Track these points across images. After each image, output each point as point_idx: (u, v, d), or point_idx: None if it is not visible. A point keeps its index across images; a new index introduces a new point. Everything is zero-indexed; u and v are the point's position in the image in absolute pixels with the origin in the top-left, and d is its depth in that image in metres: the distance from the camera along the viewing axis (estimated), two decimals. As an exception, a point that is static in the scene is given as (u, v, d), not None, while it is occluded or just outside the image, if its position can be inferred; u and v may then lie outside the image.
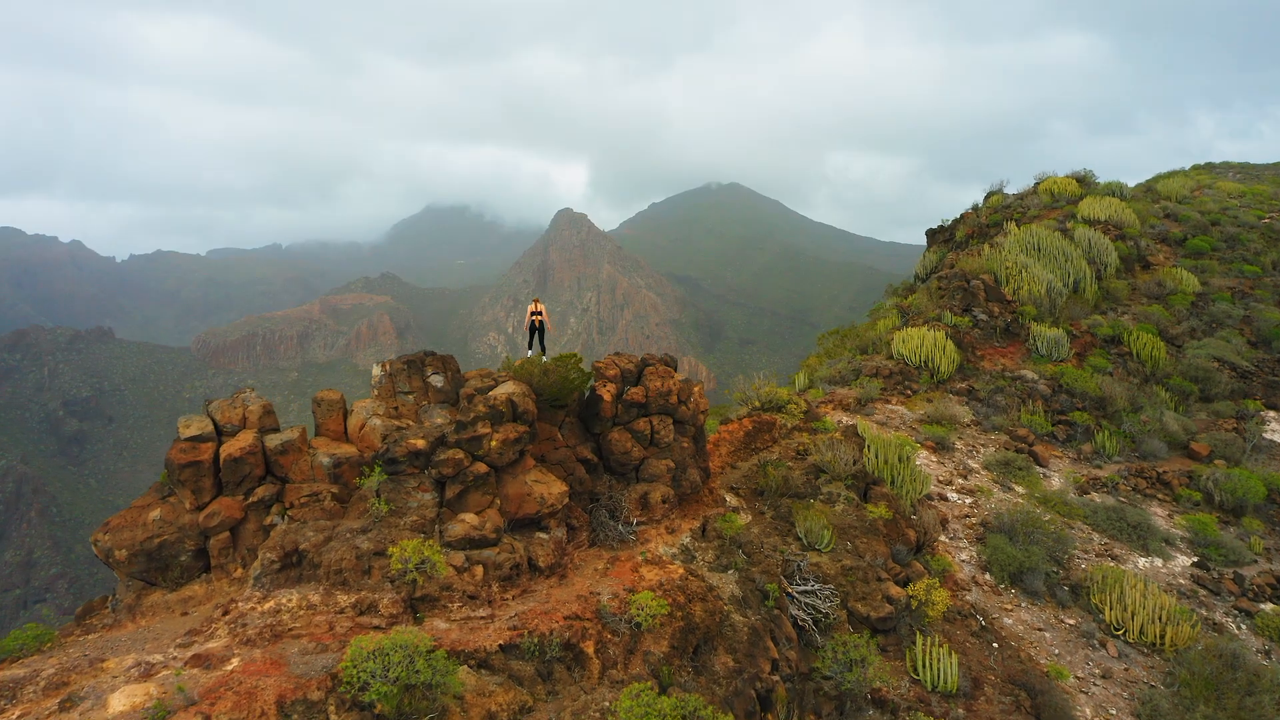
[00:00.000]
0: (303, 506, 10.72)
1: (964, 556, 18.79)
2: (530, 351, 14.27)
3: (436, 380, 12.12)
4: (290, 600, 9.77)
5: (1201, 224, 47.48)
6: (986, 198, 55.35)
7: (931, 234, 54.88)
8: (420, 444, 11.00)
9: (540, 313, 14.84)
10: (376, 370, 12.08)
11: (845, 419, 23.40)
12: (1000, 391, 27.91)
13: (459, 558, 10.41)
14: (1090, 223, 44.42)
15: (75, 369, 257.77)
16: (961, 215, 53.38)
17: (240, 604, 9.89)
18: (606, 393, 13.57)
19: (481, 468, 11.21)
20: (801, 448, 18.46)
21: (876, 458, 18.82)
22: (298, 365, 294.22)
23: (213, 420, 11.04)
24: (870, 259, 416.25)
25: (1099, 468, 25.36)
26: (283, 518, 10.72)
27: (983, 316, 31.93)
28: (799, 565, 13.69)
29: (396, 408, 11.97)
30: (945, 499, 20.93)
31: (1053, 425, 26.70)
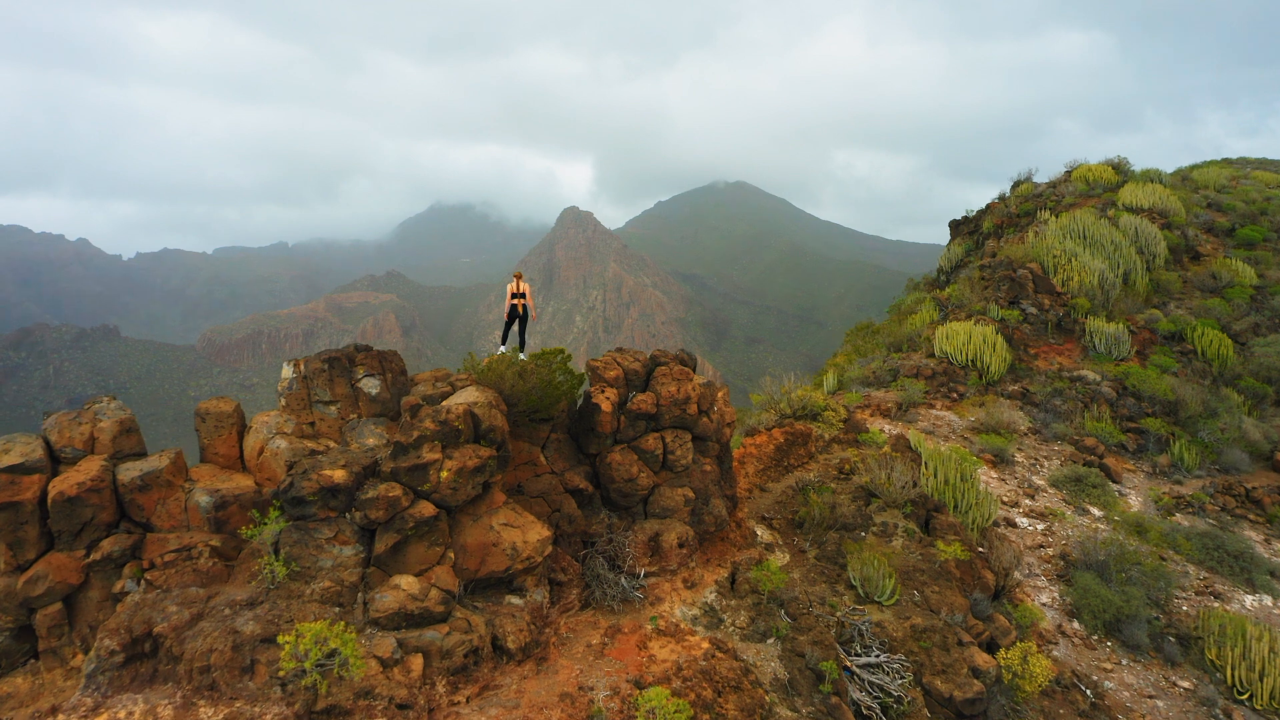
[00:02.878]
0: (168, 567, 7.46)
1: (1044, 599, 15.40)
2: (504, 347, 10.94)
3: (370, 385, 8.83)
4: (132, 713, 6.53)
5: (1249, 213, 43.94)
6: (1014, 187, 51.94)
7: (955, 225, 51.41)
8: (339, 476, 7.72)
9: (523, 294, 11.42)
10: (287, 370, 8.80)
11: (888, 427, 20.01)
12: (1059, 395, 24.44)
13: (387, 644, 7.12)
14: (1133, 211, 40.89)
15: (80, 367, 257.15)
16: (987, 205, 50.03)
17: (63, 715, 6.65)
18: (605, 401, 10.27)
19: (427, 509, 7.92)
20: (846, 466, 15.12)
21: (935, 477, 15.45)
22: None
23: (46, 443, 7.78)
24: (877, 257, 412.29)
25: (1179, 483, 21.87)
26: (139, 583, 7.46)
27: (1032, 310, 28.42)
28: (859, 629, 10.37)
29: (313, 423, 8.69)
30: (1013, 524, 17.52)
31: (1123, 434, 23.24)
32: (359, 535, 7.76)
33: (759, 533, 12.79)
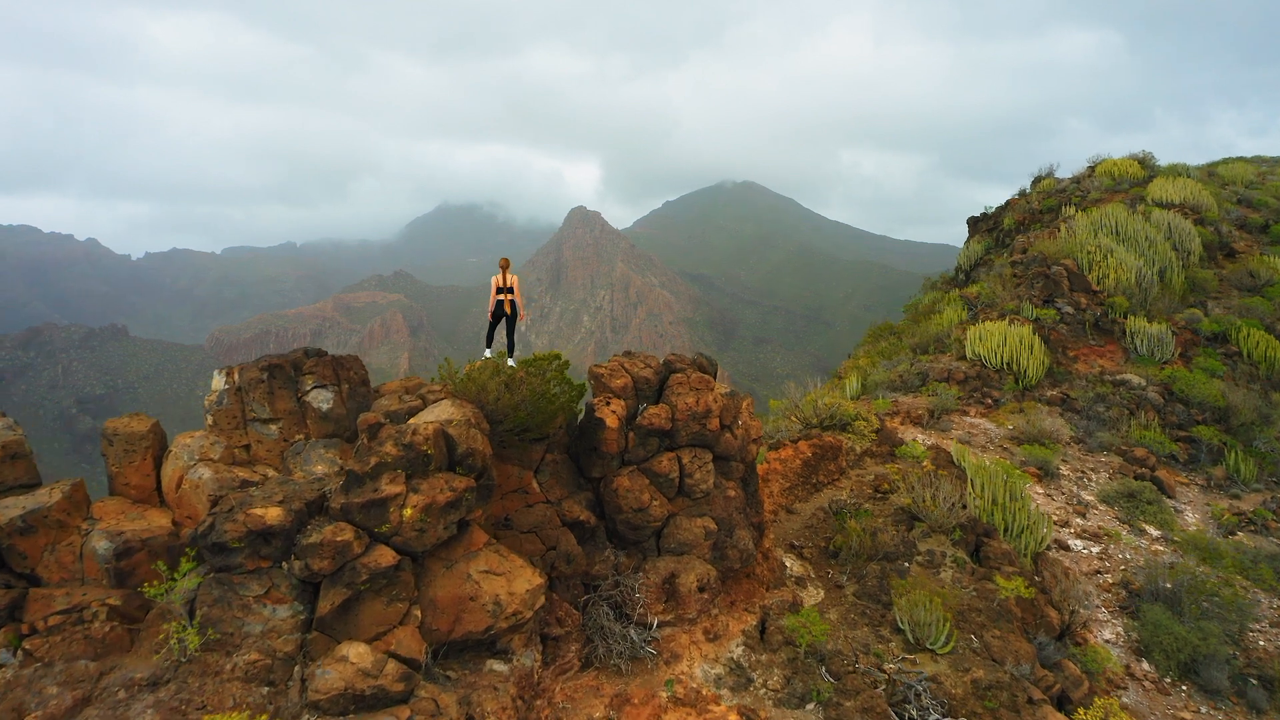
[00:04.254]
0: (53, 633, 5.83)
1: (1107, 634, 13.62)
2: (488, 351, 9.25)
3: (321, 399, 7.18)
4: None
5: (1284, 209, 41.92)
6: (1035, 182, 50.11)
7: (974, 222, 49.62)
8: (272, 516, 6.07)
9: (510, 289, 9.71)
10: (217, 380, 7.14)
11: (921, 436, 18.25)
12: (1102, 400, 22.59)
13: (327, 739, 5.46)
14: (1163, 206, 39.03)
15: (89, 367, 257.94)
16: (1008, 202, 48.27)
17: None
18: (611, 415, 8.59)
19: (385, 556, 6.27)
20: (883, 485, 13.40)
21: (983, 495, 13.70)
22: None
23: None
24: (885, 257, 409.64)
25: (1237, 497, 20.00)
26: (15, 653, 5.83)
27: (1068, 309, 26.54)
28: (914, 688, 8.65)
29: (248, 447, 7.05)
30: (1065, 547, 15.74)
31: (1174, 443, 21.39)
32: (298, 591, 6.11)
33: (788, 564, 11.09)
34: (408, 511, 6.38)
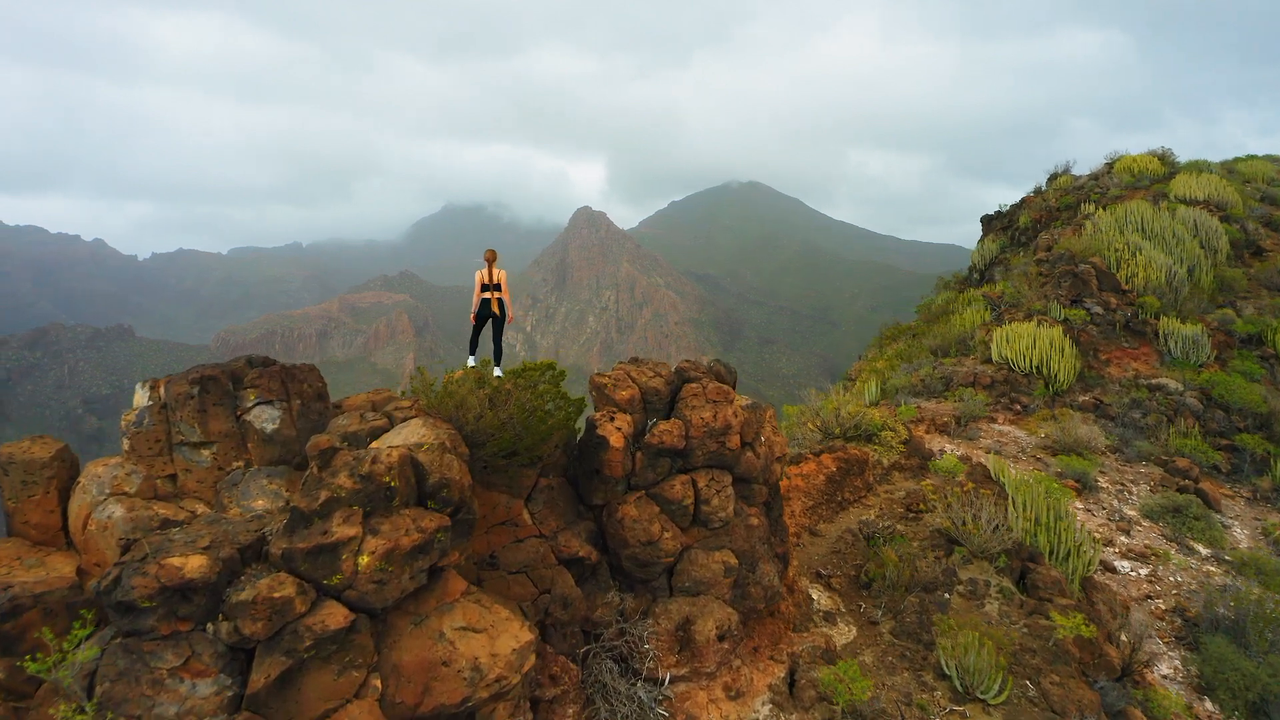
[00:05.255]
0: (-85, 715, 4.61)
1: (1164, 669, 12.30)
2: (472, 359, 7.97)
3: (266, 418, 5.96)
4: None
5: (1310, 207, 40.49)
6: (1051, 179, 48.84)
7: (988, 220, 48.39)
8: (194, 567, 4.85)
9: (497, 285, 8.56)
10: (139, 395, 5.93)
11: (949, 446, 16.96)
12: (1138, 406, 21.25)
13: None
14: (1187, 202, 37.68)
15: (95, 367, 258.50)
16: (1022, 199, 47.06)
17: None
18: (615, 432, 7.37)
19: (336, 616, 5.05)
20: (915, 503, 12.14)
21: (1024, 514, 12.41)
22: (316, 364, 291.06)
23: None
24: (891, 258, 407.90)
25: (1286, 511, 18.67)
26: None
27: (1097, 309, 25.17)
28: (969, 753, 7.41)
29: (174, 477, 5.84)
30: (1111, 569, 14.43)
31: (1216, 452, 20.04)
32: (225, 661, 4.89)
33: (814, 596, 9.86)
34: (364, 559, 5.16)
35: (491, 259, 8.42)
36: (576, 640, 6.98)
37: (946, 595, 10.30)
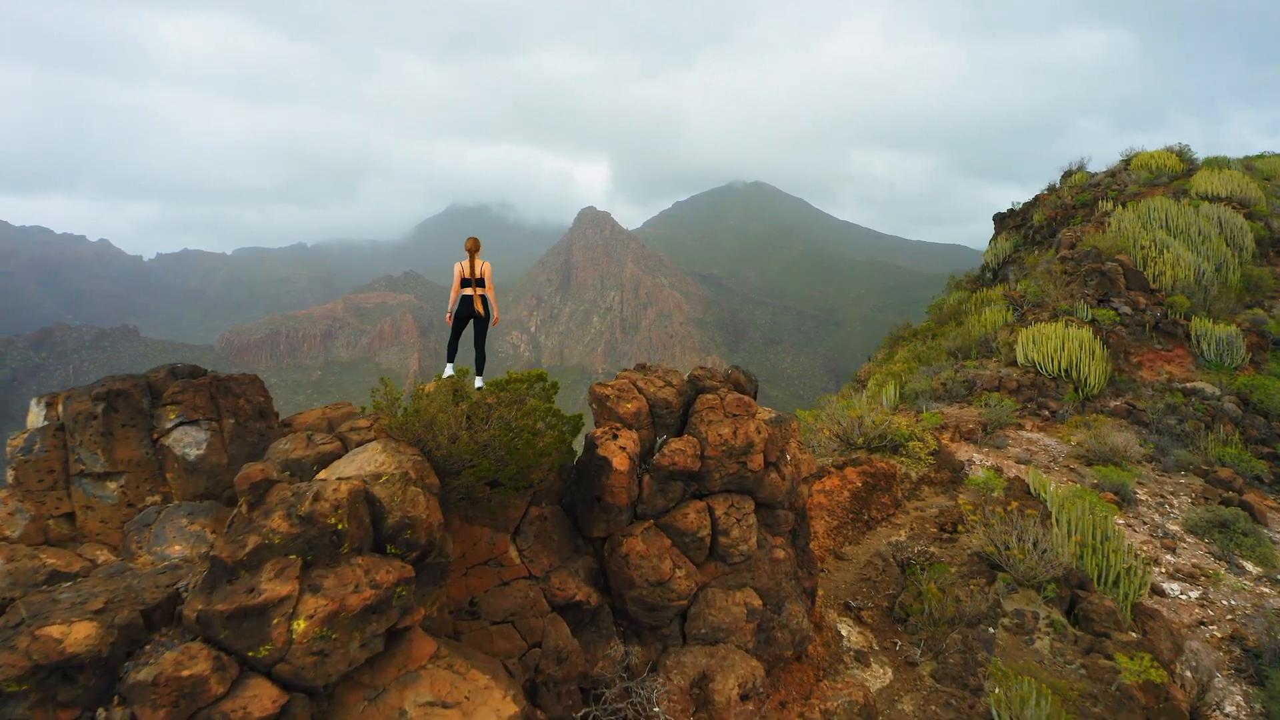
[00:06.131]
0: None
1: (1228, 708, 11.14)
2: (450, 367, 6.83)
3: (189, 441, 4.85)
4: None
5: (1332, 205, 39.30)
6: (1065, 177, 47.69)
7: (1000, 219, 47.24)
8: (78, 638, 3.75)
9: (482, 280, 7.26)
10: (33, 414, 4.83)
11: (977, 456, 15.80)
12: (1173, 412, 20.03)
13: None
14: (1209, 199, 36.48)
15: (100, 367, 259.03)
16: (1036, 197, 45.91)
17: None
18: (619, 453, 6.27)
19: (263, 698, 3.95)
20: (951, 524, 11.00)
21: (1068, 534, 11.25)
22: (321, 364, 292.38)
23: None
24: (896, 258, 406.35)
25: (1336, 526, 17.43)
26: None
27: (1126, 309, 23.95)
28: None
29: (71, 515, 4.74)
30: (1160, 592, 13.25)
31: (1259, 461, 18.81)
32: (117, 760, 3.78)
33: (843, 631, 8.74)
34: (300, 624, 4.06)
35: (473, 249, 7.29)
36: (573, 701, 5.87)
37: (990, 630, 9.18)
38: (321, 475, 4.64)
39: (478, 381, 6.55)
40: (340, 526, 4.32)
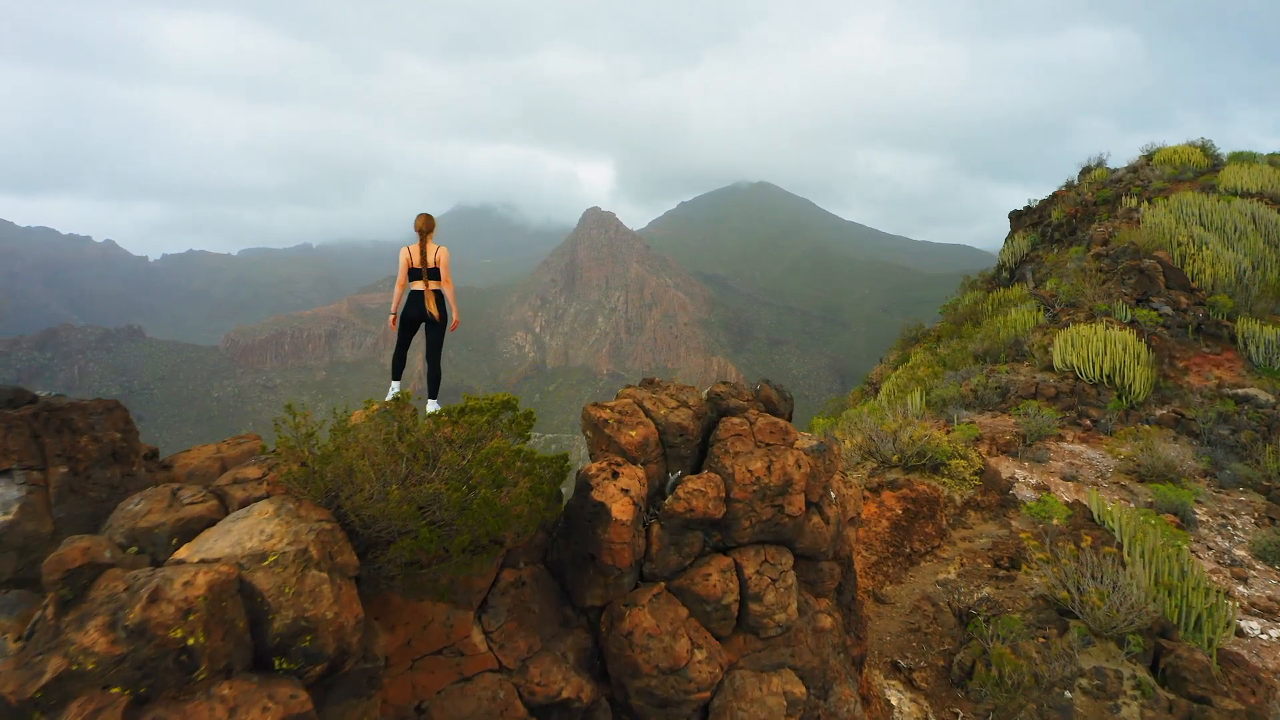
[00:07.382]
0: None
1: (1333, 775, 9.54)
2: (394, 387, 5.22)
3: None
4: None
5: (1367, 201, 37.69)
6: (1084, 173, 46.08)
7: (1017, 216, 45.60)
8: None
9: (437, 270, 5.58)
10: None
11: (1020, 472, 14.21)
12: (1226, 421, 18.40)
13: None
14: (1240, 194, 34.81)
15: (105, 367, 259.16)
16: (1054, 194, 44.30)
17: None
18: (620, 499, 4.75)
19: None
20: (1007, 558, 9.46)
21: (1150, 574, 9.67)
22: (326, 364, 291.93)
23: None
24: (901, 258, 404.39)
25: None
26: None
27: (1167, 309, 22.31)
28: None
29: None
30: (1239, 632, 11.67)
31: (1324, 477, 17.16)
32: None
33: (893, 701, 7.19)
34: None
35: (425, 229, 5.67)
36: (558, 837, 4.34)
37: (1068, 694, 7.65)
38: (181, 554, 3.15)
39: (430, 406, 5.03)
40: (192, 641, 2.81)
